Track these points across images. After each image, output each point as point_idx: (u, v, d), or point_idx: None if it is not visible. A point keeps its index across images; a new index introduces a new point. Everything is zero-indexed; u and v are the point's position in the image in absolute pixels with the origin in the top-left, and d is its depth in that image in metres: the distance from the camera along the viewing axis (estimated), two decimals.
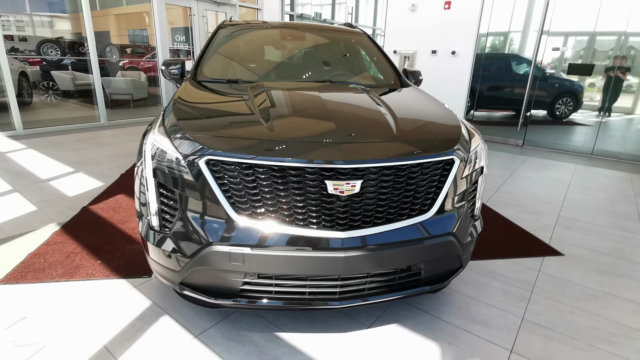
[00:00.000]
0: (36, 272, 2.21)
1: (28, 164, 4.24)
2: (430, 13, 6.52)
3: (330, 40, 3.16)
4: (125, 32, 9.71)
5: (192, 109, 1.94)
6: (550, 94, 6.31)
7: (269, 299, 1.60)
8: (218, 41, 2.83)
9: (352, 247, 1.49)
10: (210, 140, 1.54)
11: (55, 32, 7.72)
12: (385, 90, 2.48)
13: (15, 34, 7.17)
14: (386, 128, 1.74)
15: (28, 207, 3.11)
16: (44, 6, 7.55)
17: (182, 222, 1.55)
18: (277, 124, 1.67)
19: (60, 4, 7.64)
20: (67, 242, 2.57)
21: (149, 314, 1.93)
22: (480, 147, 1.89)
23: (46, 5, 7.59)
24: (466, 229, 1.79)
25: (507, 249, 2.78)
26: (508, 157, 5.58)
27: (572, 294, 2.26)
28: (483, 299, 2.18)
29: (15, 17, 7.14)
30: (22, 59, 7.40)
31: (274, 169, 1.48)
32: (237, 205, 1.50)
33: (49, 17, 7.67)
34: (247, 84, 2.33)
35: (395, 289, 1.70)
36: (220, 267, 1.52)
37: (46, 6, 7.60)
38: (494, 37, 6.39)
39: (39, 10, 7.39)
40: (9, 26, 7.15)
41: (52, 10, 7.65)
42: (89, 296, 2.04)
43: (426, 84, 6.75)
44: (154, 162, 1.61)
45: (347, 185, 1.46)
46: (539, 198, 3.87)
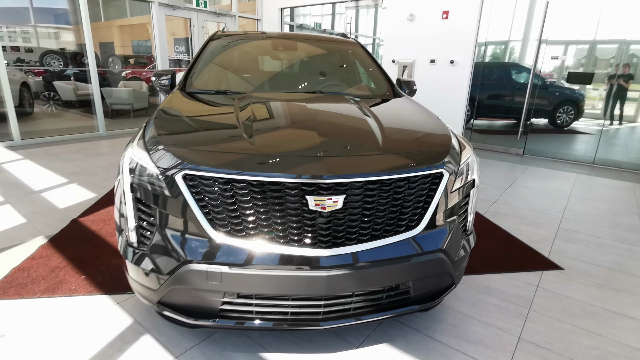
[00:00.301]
0: (18, 288, 2.16)
1: (22, 174, 4.22)
2: (428, 23, 6.51)
3: (323, 51, 3.13)
4: (128, 43, 9.81)
5: (174, 121, 1.90)
6: (551, 103, 6.25)
7: (249, 319, 1.53)
8: (209, 52, 2.80)
9: (335, 265, 1.43)
10: (187, 154, 1.49)
11: (59, 44, 7.81)
12: (376, 101, 2.44)
13: (21, 45, 7.27)
14: (372, 141, 1.69)
15: (17, 220, 3.07)
16: (49, 18, 7.64)
17: (159, 239, 1.50)
18: (259, 138, 1.62)
19: (64, 16, 7.72)
20: (52, 256, 2.51)
21: (130, 333, 1.86)
22: (471, 159, 1.83)
23: (52, 17, 7.68)
24: (457, 245, 1.72)
25: (504, 262, 2.70)
26: (508, 167, 5.51)
27: (572, 310, 2.17)
28: (478, 316, 2.10)
29: (21, 29, 7.23)
30: (26, 70, 7.48)
31: (253, 184, 1.42)
32: (215, 222, 1.44)
33: (54, 29, 7.76)
34: (236, 95, 2.28)
35: (382, 309, 1.63)
36: (197, 287, 1.45)
37: (52, 18, 7.70)
38: (492, 46, 6.36)
39: (44, 22, 7.48)
40: (16, 37, 7.25)
41: (57, 22, 7.74)
42: (70, 313, 1.98)
43: (425, 93, 6.73)
44: (131, 176, 1.56)
45: (329, 200, 1.41)
46: (539, 209, 3.78)
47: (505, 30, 6.13)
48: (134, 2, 8.03)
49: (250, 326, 1.52)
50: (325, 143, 1.62)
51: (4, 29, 7.01)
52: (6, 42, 6.99)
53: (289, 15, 9.01)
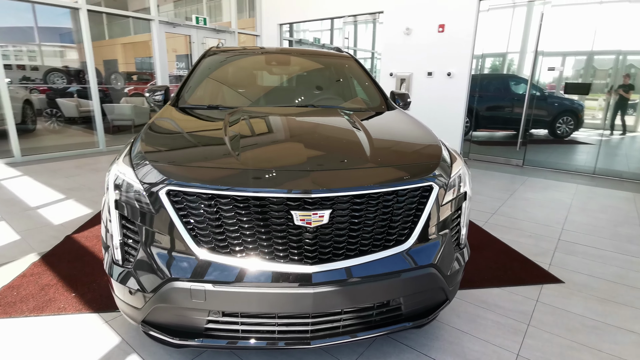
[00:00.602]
0: (6, 307, 2.12)
1: (20, 191, 4.23)
2: (424, 36, 6.58)
3: (316, 65, 3.15)
4: (132, 60, 9.96)
5: (161, 137, 1.89)
6: (550, 113, 6.24)
7: (236, 338, 1.49)
8: (202, 67, 2.82)
9: (321, 282, 1.39)
10: (171, 170, 1.48)
11: (63, 62, 7.96)
12: (369, 114, 2.43)
13: (27, 63, 7.42)
14: (360, 154, 1.67)
15: (11, 237, 3.05)
16: (54, 37, 7.79)
17: (143, 256, 1.47)
18: (244, 153, 1.60)
19: (69, 35, 7.87)
20: (44, 273, 2.49)
21: (117, 353, 1.82)
22: (463, 171, 1.80)
23: (57, 36, 7.83)
24: (450, 259, 1.68)
25: (503, 276, 2.64)
26: (507, 178, 5.47)
27: (572, 325, 2.11)
28: (476, 333, 2.04)
29: (27, 48, 7.38)
30: (31, 88, 7.61)
31: (237, 199, 1.40)
32: (198, 239, 1.42)
33: (58, 48, 7.91)
34: (226, 110, 2.29)
35: (373, 326, 1.58)
36: (181, 305, 1.42)
37: (57, 37, 7.84)
38: (489, 58, 6.39)
39: (49, 40, 7.63)
40: (22, 56, 7.39)
41: (62, 41, 7.89)
42: (57, 333, 1.94)
43: (423, 105, 6.76)
44: (116, 192, 1.55)
45: (315, 215, 1.38)
46: (539, 221, 3.73)
47: (501, 42, 6.17)
48: (137, 20, 8.17)
49: (236, 346, 1.48)
50: (312, 157, 1.61)
51: (10, 48, 7.15)
52: (12, 60, 7.13)
53: (288, 30, 9.13)
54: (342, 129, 2.01)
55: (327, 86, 2.99)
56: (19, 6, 6.32)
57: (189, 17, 8.05)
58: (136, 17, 7.35)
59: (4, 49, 6.98)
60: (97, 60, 7.27)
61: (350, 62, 3.14)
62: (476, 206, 4.12)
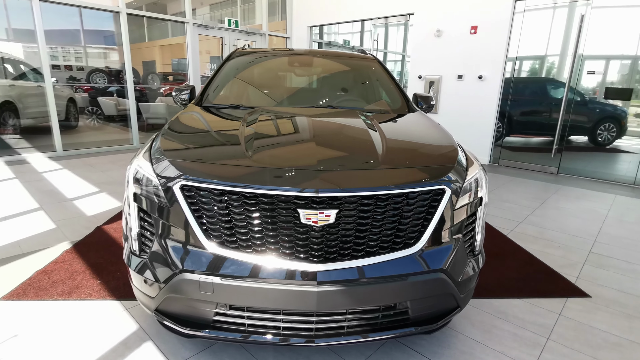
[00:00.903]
0: (38, 290, 2.27)
1: (59, 183, 4.50)
2: (456, 38, 6.43)
3: (339, 66, 3.16)
4: (168, 61, 10.39)
5: (181, 134, 1.96)
6: (591, 119, 5.91)
7: (241, 332, 1.52)
8: (227, 68, 2.90)
9: (326, 281, 1.40)
10: (186, 166, 1.53)
11: (105, 62, 8.45)
12: (387, 116, 2.41)
13: (73, 64, 7.94)
14: (371, 155, 1.66)
15: (48, 225, 3.26)
16: (99, 39, 8.26)
17: (157, 247, 1.54)
18: (257, 151, 1.64)
19: (111, 37, 8.31)
20: (74, 260, 2.64)
21: (133, 339, 1.90)
22: (479, 176, 1.76)
23: (101, 38, 8.31)
24: (462, 265, 1.64)
25: (525, 287, 2.54)
26: (539, 186, 5.24)
27: (595, 341, 2.00)
28: (490, 343, 1.97)
29: (74, 49, 7.89)
30: (77, 87, 8.13)
31: (246, 196, 1.44)
32: (209, 233, 1.46)
33: (102, 49, 8.39)
34: (246, 110, 2.34)
35: (379, 329, 1.57)
36: (191, 296, 1.47)
37: (101, 39, 8.32)
38: (523, 60, 6.15)
39: (93, 43, 8.11)
40: (69, 57, 7.91)
41: (106, 43, 8.36)
42: (81, 317, 2.06)
43: (452, 108, 6.61)
44: (135, 186, 1.62)
45: (321, 215, 1.39)
46: (570, 231, 3.55)
47: (538, 45, 5.93)
48: (174, 23, 8.51)
49: (241, 339, 1.51)
50: (322, 157, 1.62)
51: (59, 49, 7.67)
52: (60, 61, 7.65)
53: (318, 33, 9.19)
54: (356, 130, 2.01)
55: (348, 88, 3.00)
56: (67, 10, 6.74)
57: (222, 20, 8.28)
58: (171, 19, 7.65)
59: (53, 51, 7.50)
60: (136, 62, 7.63)
61: (373, 64, 3.12)
62: (502, 214, 3.98)
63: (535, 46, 5.94)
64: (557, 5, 5.67)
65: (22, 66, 6.74)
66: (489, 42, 6.10)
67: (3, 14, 6.12)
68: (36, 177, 4.74)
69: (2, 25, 6.20)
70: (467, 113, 6.53)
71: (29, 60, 6.61)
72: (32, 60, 6.41)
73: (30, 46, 6.39)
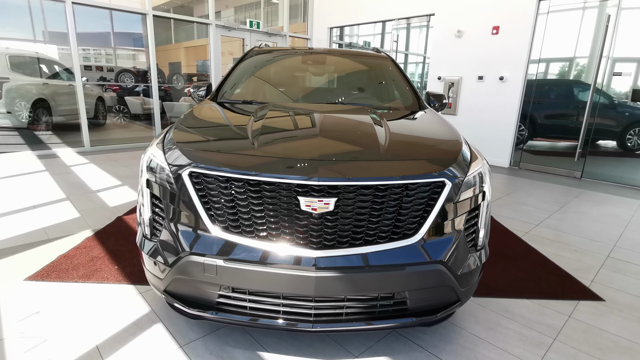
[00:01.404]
0: (60, 272, 2.41)
1: (86, 176, 4.73)
2: (477, 39, 6.35)
3: (351, 64, 3.20)
4: (193, 63, 10.72)
5: (193, 126, 2.05)
6: (619, 123, 5.69)
7: (243, 314, 1.58)
8: (242, 65, 3.00)
9: (324, 267, 1.45)
10: (195, 154, 1.61)
11: (133, 63, 8.81)
12: (397, 114, 2.43)
13: (104, 65, 8.33)
14: (374, 147, 1.70)
15: (73, 214, 3.44)
16: (129, 41, 8.63)
17: (166, 231, 1.62)
18: (262, 141, 1.70)
19: (140, 39, 8.66)
20: (94, 247, 2.78)
21: (145, 321, 2.00)
22: (482, 170, 1.76)
23: (131, 40, 8.68)
24: (462, 259, 1.65)
25: (535, 288, 2.50)
26: (560, 190, 5.10)
27: (604, 345, 1.95)
28: (494, 341, 1.96)
29: (105, 51, 8.28)
30: (106, 87, 8.52)
31: (250, 183, 1.50)
32: (214, 218, 1.53)
33: (130, 51, 8.76)
34: (258, 105, 2.42)
35: (377, 317, 1.59)
36: (196, 278, 1.54)
37: (130, 41, 8.69)
38: (547, 62, 6.01)
39: (123, 44, 8.49)
40: (100, 58, 8.31)
41: (135, 45, 8.73)
42: (98, 298, 2.18)
43: (472, 110, 6.52)
44: (148, 173, 1.72)
45: (320, 203, 1.44)
46: (588, 235, 3.45)
47: (562, 45, 5.77)
48: (200, 26, 8.77)
49: (244, 323, 1.57)
50: (326, 148, 1.67)
51: (91, 51, 8.08)
52: (92, 62, 8.05)
53: (338, 35, 9.25)
54: (362, 124, 2.04)
55: (360, 85, 3.03)
56: (98, 13, 7.07)
57: (244, 21, 8.47)
58: (194, 21, 7.88)
59: (85, 52, 7.90)
60: (163, 63, 7.89)
61: (386, 62, 3.15)
62: (518, 216, 3.91)
63: (559, 47, 5.79)
64: (583, 7, 5.51)
65: (56, 66, 7.11)
66: (511, 43, 5.99)
67: (40, 17, 6.50)
68: (64, 170, 4.99)
69: (39, 27, 6.59)
70: (487, 115, 6.42)
71: (62, 61, 6.97)
72: (65, 61, 6.75)
73: (63, 48, 6.73)
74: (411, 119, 2.31)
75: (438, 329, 2.03)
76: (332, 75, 3.12)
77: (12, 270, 2.43)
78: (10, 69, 6.30)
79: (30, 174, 4.72)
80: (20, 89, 6.50)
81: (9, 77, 6.23)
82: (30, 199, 3.80)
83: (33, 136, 6.65)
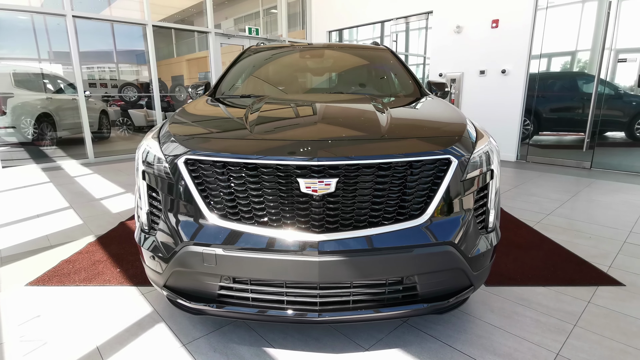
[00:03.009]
0: (62, 277, 2.37)
1: (89, 185, 4.72)
2: (476, 33, 6.31)
3: (350, 57, 3.16)
4: (195, 75, 10.82)
5: (188, 117, 2.01)
6: (627, 113, 5.59)
7: (246, 306, 1.52)
8: (240, 63, 2.97)
9: (328, 251, 1.38)
10: (190, 142, 1.57)
11: (136, 77, 8.96)
12: (400, 101, 2.38)
13: (108, 81, 8.47)
14: (375, 127, 1.64)
15: (76, 221, 3.41)
16: (132, 58, 8.76)
17: (164, 223, 1.57)
18: (259, 126, 1.65)
19: (142, 55, 8.78)
20: (97, 251, 2.74)
21: (147, 321, 1.94)
22: (489, 148, 1.69)
23: (134, 57, 8.81)
24: (473, 240, 1.57)
25: (551, 276, 2.40)
26: (570, 180, 4.98)
27: (629, 330, 1.85)
28: (510, 329, 1.87)
29: (109, 68, 8.42)
30: (111, 102, 8.63)
31: (247, 167, 1.44)
32: (211, 205, 1.48)
33: (134, 66, 8.90)
34: (255, 98, 2.38)
35: (386, 304, 1.52)
36: (195, 269, 1.48)
37: (134, 58, 8.82)
38: (549, 54, 5.93)
39: (126, 61, 8.63)
40: (104, 75, 8.44)
41: (138, 61, 8.86)
42: (99, 300, 2.12)
43: (475, 106, 6.45)
44: (144, 165, 1.67)
45: (320, 184, 1.38)
46: (603, 222, 3.34)
47: (564, 36, 5.70)
48: (201, 38, 8.85)
49: (247, 316, 1.50)
50: (325, 131, 1.61)
51: (95, 68, 8.23)
52: (96, 78, 8.21)
53: (337, 39, 9.27)
54: (363, 111, 1.99)
55: (360, 77, 2.99)
56: (100, 30, 7.18)
57: (243, 29, 8.52)
58: (193, 30, 7.94)
59: (90, 70, 8.04)
60: (166, 76, 7.94)
61: (385, 54, 3.11)
62: (529, 207, 3.81)
63: (562, 38, 5.71)
64: None
65: (59, 81, 7.19)
66: (512, 35, 5.93)
67: (44, 37, 6.66)
68: (68, 181, 4.99)
69: (43, 47, 6.75)
70: (491, 109, 6.34)
71: (67, 77, 7.07)
72: (69, 77, 6.84)
73: (68, 67, 6.83)
74: (414, 104, 2.25)
75: (451, 318, 1.94)
76: (331, 70, 3.08)
77: (13, 277, 2.39)
78: (14, 85, 6.37)
79: (34, 186, 4.73)
80: (25, 105, 6.56)
81: (13, 93, 6.30)
82: (33, 208, 3.78)
83: (38, 150, 6.69)
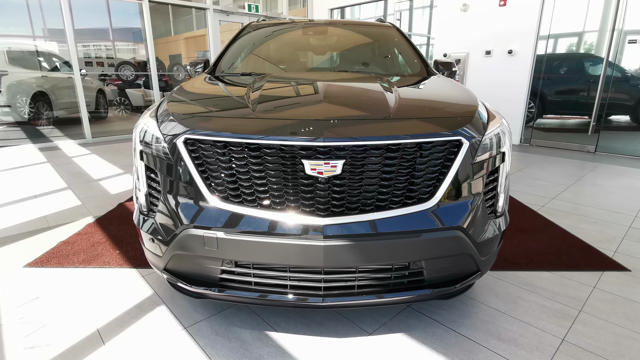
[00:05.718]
0: (60, 258, 2.34)
1: (87, 166, 4.65)
2: (483, 12, 6.12)
3: (354, 34, 3.04)
4: (194, 54, 10.58)
5: (187, 96, 1.93)
6: (633, 97, 5.48)
7: (248, 290, 1.48)
8: (240, 39, 2.86)
9: (333, 235, 1.33)
10: (189, 120, 1.50)
11: (134, 55, 8.75)
12: (406, 80, 2.29)
13: (105, 60, 8.28)
14: (383, 107, 1.57)
15: (74, 202, 3.37)
16: (129, 36, 8.55)
17: (163, 205, 1.52)
18: (262, 105, 1.58)
19: (139, 33, 8.57)
20: (95, 233, 2.70)
21: (147, 303, 1.91)
22: (501, 130, 1.62)
23: (131, 34, 8.59)
24: (482, 225, 1.52)
25: (556, 260, 2.37)
26: (575, 164, 4.92)
27: (634, 315, 1.83)
28: (515, 314, 1.85)
29: (105, 46, 8.21)
30: (108, 82, 8.46)
31: (249, 147, 1.38)
32: (213, 188, 1.42)
33: (130, 45, 8.70)
34: (256, 76, 2.29)
35: (392, 290, 1.49)
36: (196, 252, 1.44)
37: (131, 36, 8.61)
38: (557, 34, 5.76)
39: (124, 39, 8.42)
40: (100, 53, 8.24)
41: (135, 39, 8.65)
42: (99, 282, 2.09)
43: (480, 87, 6.31)
44: (141, 144, 1.61)
45: (326, 165, 1.32)
46: (608, 207, 3.30)
47: (572, 17, 5.53)
48: (199, 16, 8.60)
49: (249, 300, 1.47)
50: (330, 110, 1.54)
51: (91, 46, 8.02)
52: (92, 56, 8.01)
53: (340, 16, 9.02)
54: (369, 90, 1.91)
55: (365, 55, 2.88)
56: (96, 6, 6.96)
57: (242, 6, 8.28)
58: (191, 6, 7.71)
59: (85, 48, 7.84)
60: (163, 55, 7.74)
61: (391, 31, 2.99)
62: (533, 191, 3.76)
63: (570, 18, 5.54)
64: None
65: (55, 59, 7.02)
66: (520, 14, 5.75)
67: (39, 13, 6.47)
68: (66, 161, 4.92)
69: (38, 25, 6.56)
70: (496, 91, 6.22)
71: (62, 55, 6.89)
72: (65, 55, 6.67)
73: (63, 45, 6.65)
74: (422, 83, 2.16)
75: (455, 303, 1.92)
76: (335, 47, 2.97)
77: (12, 258, 2.36)
78: (8, 62, 6.22)
79: (31, 166, 4.66)
80: (20, 83, 6.42)
81: (7, 71, 6.15)
82: (30, 189, 3.73)
83: (34, 130, 6.59)
